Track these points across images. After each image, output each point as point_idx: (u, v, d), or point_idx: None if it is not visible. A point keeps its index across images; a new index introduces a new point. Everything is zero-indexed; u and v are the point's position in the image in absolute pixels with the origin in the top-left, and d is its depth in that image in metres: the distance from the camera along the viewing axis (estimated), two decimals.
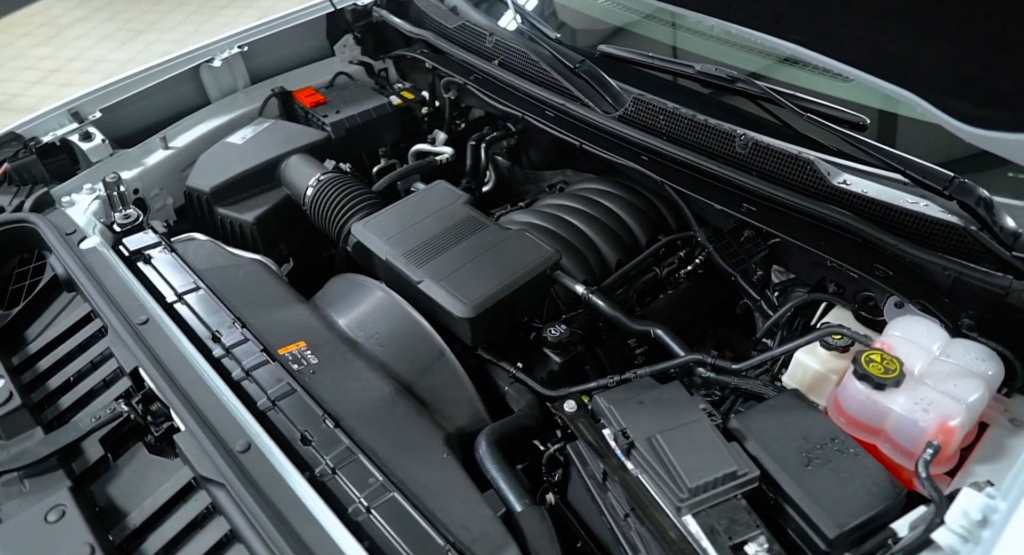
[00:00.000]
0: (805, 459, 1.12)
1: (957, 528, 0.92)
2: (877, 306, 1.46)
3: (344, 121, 2.09)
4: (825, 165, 1.38)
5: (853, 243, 1.37)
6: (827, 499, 1.06)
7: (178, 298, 1.50)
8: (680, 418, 1.14)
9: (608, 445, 1.16)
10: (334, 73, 2.29)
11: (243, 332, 1.42)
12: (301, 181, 1.86)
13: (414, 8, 2.23)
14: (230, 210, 1.83)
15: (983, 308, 1.28)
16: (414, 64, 2.28)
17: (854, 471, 1.10)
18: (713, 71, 1.61)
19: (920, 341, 1.24)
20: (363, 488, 1.15)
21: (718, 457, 1.07)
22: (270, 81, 2.23)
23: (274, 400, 1.28)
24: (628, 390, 1.23)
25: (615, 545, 1.13)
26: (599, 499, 1.14)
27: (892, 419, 1.16)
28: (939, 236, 1.30)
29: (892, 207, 1.32)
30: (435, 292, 1.48)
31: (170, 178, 1.96)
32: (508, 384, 1.52)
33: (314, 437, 1.22)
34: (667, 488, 1.06)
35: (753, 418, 1.18)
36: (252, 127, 2.02)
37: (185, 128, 2.03)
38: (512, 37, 1.90)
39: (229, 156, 1.91)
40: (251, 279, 1.63)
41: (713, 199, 1.53)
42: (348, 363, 1.42)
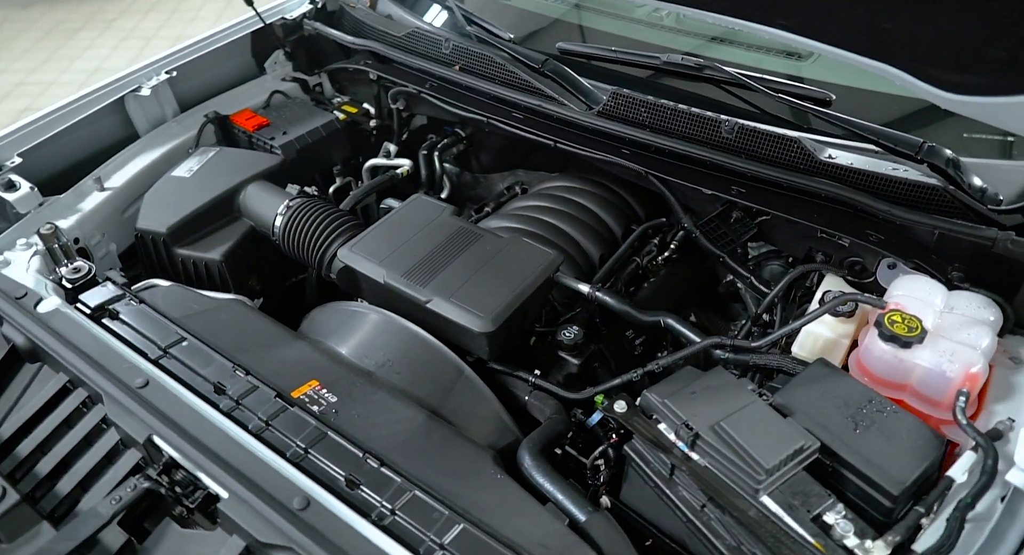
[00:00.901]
0: (852, 424, 1.17)
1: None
2: (865, 269, 1.55)
3: (294, 142, 1.98)
4: (811, 142, 1.44)
5: (845, 213, 1.45)
6: (883, 459, 1.11)
7: (163, 353, 1.37)
8: (735, 403, 1.16)
9: (668, 440, 1.16)
10: (269, 93, 2.16)
11: (249, 379, 1.31)
12: (267, 210, 1.75)
13: (350, 18, 2.14)
14: (191, 250, 1.69)
15: (969, 260, 1.39)
16: (355, 76, 2.19)
17: (897, 428, 1.16)
18: (679, 60, 1.65)
19: (924, 297, 1.32)
20: (429, 524, 1.09)
21: (784, 435, 1.10)
22: (201, 107, 2.08)
23: (305, 447, 1.20)
24: (673, 382, 1.24)
25: (690, 537, 1.13)
26: (670, 494, 1.14)
27: (918, 374, 1.23)
28: (923, 198, 1.39)
29: (877, 175, 1.40)
30: (447, 310, 1.43)
31: (111, 222, 1.78)
32: (527, 393, 1.50)
33: (361, 479, 1.15)
34: (742, 472, 1.08)
35: (794, 392, 1.22)
36: (197, 158, 1.87)
37: (119, 166, 1.85)
38: (468, 41, 1.86)
39: (179, 191, 1.76)
40: (236, 321, 1.52)
41: (702, 184, 1.56)
42: (369, 396, 1.34)
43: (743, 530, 1.05)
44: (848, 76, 1.62)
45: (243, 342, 1.45)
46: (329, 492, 1.08)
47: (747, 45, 1.75)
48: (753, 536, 1.04)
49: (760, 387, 1.39)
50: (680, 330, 1.52)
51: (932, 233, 1.41)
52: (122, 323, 1.43)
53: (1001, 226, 1.34)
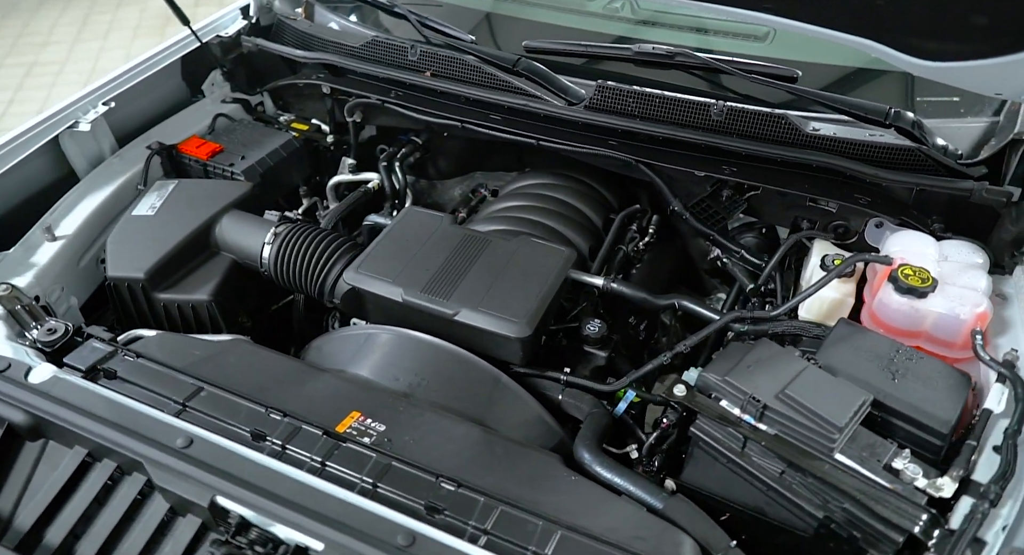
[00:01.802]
0: (890, 375, 1.25)
1: None
2: (848, 231, 1.66)
3: (255, 166, 1.87)
4: (796, 117, 1.53)
5: (834, 181, 1.54)
6: (926, 403, 1.20)
7: (183, 407, 1.26)
8: (789, 370, 1.22)
9: (734, 415, 1.20)
10: (212, 117, 2.02)
11: (288, 421, 1.23)
12: (251, 241, 1.64)
13: (293, 32, 2.03)
14: (174, 293, 1.56)
15: (946, 211, 1.53)
16: (303, 92, 2.09)
17: (928, 373, 1.26)
18: (651, 50, 1.70)
19: (920, 250, 1.44)
20: (527, 537, 1.07)
21: (843, 393, 1.16)
22: (142, 139, 1.91)
23: (373, 482, 1.14)
24: (724, 360, 1.28)
25: (770, 504, 1.18)
26: (745, 466, 1.17)
27: (932, 320, 1.34)
28: (901, 159, 1.51)
29: (859, 142, 1.51)
30: (477, 320, 1.40)
31: (69, 274, 1.61)
32: (559, 392, 1.49)
33: (443, 504, 1.11)
34: (815, 434, 1.13)
35: (829, 353, 1.29)
36: (155, 193, 1.72)
37: (66, 211, 1.67)
38: (437, 46, 1.82)
39: (146, 232, 1.61)
40: (247, 362, 1.42)
41: (695, 167, 1.62)
42: (416, 418, 1.30)
43: (827, 488, 1.11)
44: (807, 52, 1.73)
45: (264, 383, 1.36)
46: (427, 523, 1.04)
47: (708, 31, 1.82)
48: (839, 492, 1.09)
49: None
50: (696, 309, 1.57)
51: (910, 191, 1.54)
52: (124, 382, 1.31)
53: (971, 178, 1.48)
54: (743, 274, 1.76)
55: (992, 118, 1.63)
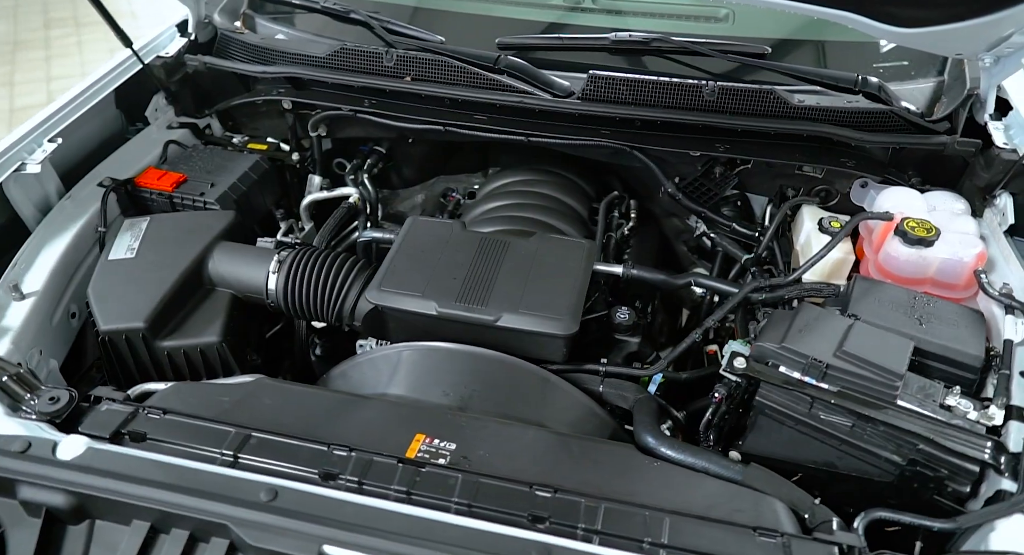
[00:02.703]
0: (917, 321, 1.35)
1: None
2: (830, 194, 1.77)
3: (228, 192, 1.74)
4: (783, 91, 1.60)
5: (820, 147, 1.63)
6: (956, 341, 1.30)
7: (234, 459, 1.16)
8: (837, 329, 1.28)
9: (796, 379, 1.25)
10: (163, 145, 1.86)
11: (356, 455, 1.17)
12: (253, 272, 1.52)
13: (241, 46, 1.90)
14: (178, 339, 1.43)
15: (920, 166, 1.66)
16: (259, 109, 1.96)
17: (947, 314, 1.37)
18: (628, 37, 1.73)
19: (910, 204, 1.55)
20: (640, 530, 1.07)
21: (893, 343, 1.24)
22: (91, 177, 1.73)
23: (469, 503, 1.10)
24: (773, 328, 1.32)
25: (841, 458, 1.24)
26: (816, 425, 1.23)
27: (937, 266, 1.45)
28: (878, 122, 1.62)
29: (840, 109, 1.61)
30: (520, 322, 1.38)
31: (44, 334, 1.44)
32: (599, 384, 1.50)
33: (546, 513, 1.09)
34: (878, 385, 1.20)
35: (859, 308, 1.37)
36: (128, 233, 1.56)
37: (27, 265, 1.49)
38: (414, 49, 1.76)
39: (132, 276, 1.47)
40: (282, 400, 1.32)
41: (689, 148, 1.67)
42: (482, 431, 1.26)
43: (899, 433, 1.18)
44: (767, 30, 1.82)
45: (309, 419, 1.28)
46: (546, 534, 1.01)
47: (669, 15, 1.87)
48: (910, 435, 1.17)
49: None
50: (714, 285, 1.62)
51: (887, 150, 1.66)
52: (158, 443, 1.19)
53: (940, 133, 1.61)
54: (733, 246, 1.83)
55: (937, 78, 1.78)
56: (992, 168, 1.55)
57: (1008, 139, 1.57)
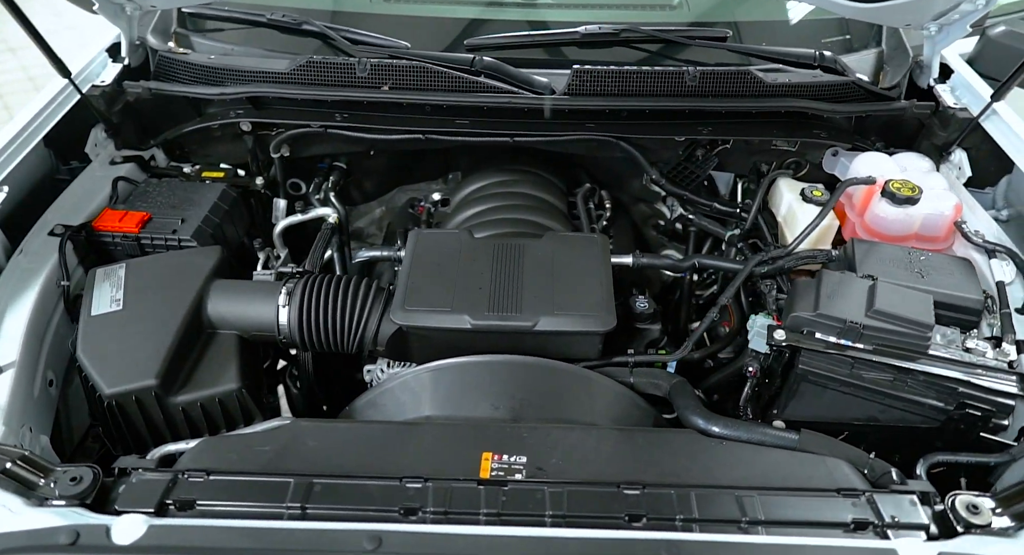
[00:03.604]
0: (918, 275, 1.44)
1: None
2: (799, 165, 1.86)
3: (202, 227, 1.60)
4: (758, 71, 1.67)
5: (795, 122, 1.72)
6: (957, 288, 1.41)
7: (302, 511, 1.08)
8: (859, 291, 1.35)
9: (834, 343, 1.31)
10: (111, 183, 1.69)
11: (432, 486, 1.11)
12: (260, 308, 1.41)
13: (187, 67, 1.75)
14: (193, 392, 1.30)
15: (881, 131, 1.78)
16: (213, 134, 1.82)
17: (941, 265, 1.47)
18: (597, 30, 1.74)
19: (883, 167, 1.66)
20: (734, 511, 1.09)
21: (917, 298, 1.33)
22: (39, 226, 1.54)
23: (564, 513, 1.08)
24: (800, 298, 1.38)
25: (884, 411, 1.31)
26: (859, 383, 1.29)
27: (921, 221, 1.56)
28: (843, 93, 1.72)
29: (810, 84, 1.70)
30: (558, 324, 1.37)
31: (29, 409, 1.27)
32: (629, 374, 1.51)
33: (641, 511, 1.08)
34: (911, 338, 1.28)
35: (867, 268, 1.45)
36: (106, 284, 1.41)
37: None
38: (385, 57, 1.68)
39: (126, 331, 1.32)
40: (328, 440, 1.25)
41: (674, 133, 1.70)
42: (545, 439, 1.24)
43: (937, 379, 1.26)
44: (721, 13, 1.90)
45: (363, 456, 1.21)
46: (658, 530, 1.01)
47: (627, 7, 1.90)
48: (948, 380, 1.25)
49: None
50: (717, 263, 1.67)
51: (850, 119, 1.77)
52: (211, 506, 1.08)
53: (895, 99, 1.74)
54: (714, 225, 1.89)
55: (876, 49, 1.92)
56: (949, 127, 1.69)
57: (956, 99, 1.72)
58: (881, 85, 1.78)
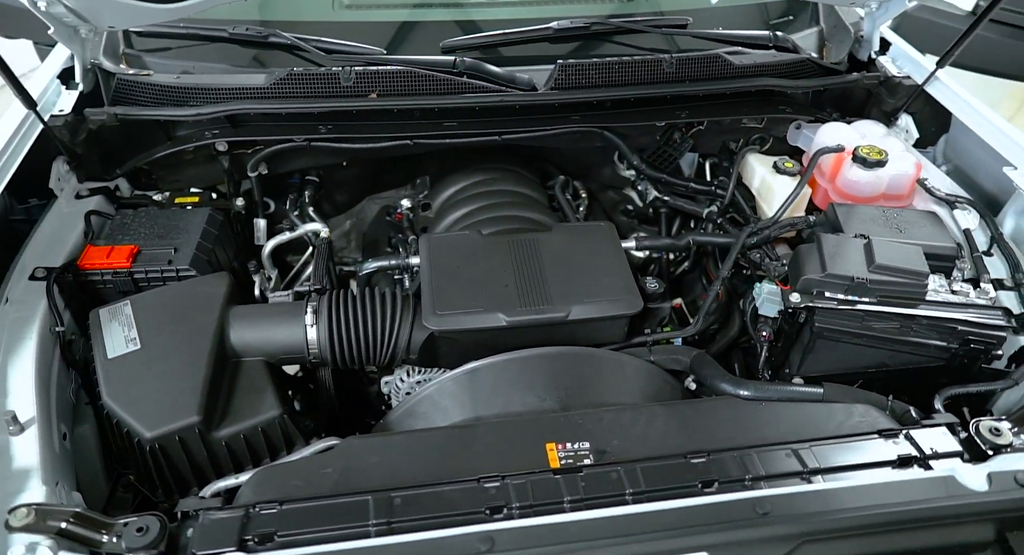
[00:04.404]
0: (897, 230, 1.58)
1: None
2: (764, 141, 1.98)
3: (198, 254, 1.53)
4: (725, 54, 1.76)
5: (762, 100, 1.83)
6: (932, 238, 1.55)
7: (387, 525, 1.07)
8: (858, 249, 1.46)
9: (844, 299, 1.42)
10: (83, 218, 1.58)
11: (514, 482, 1.13)
12: (286, 331, 1.37)
13: (150, 89, 1.65)
14: (235, 424, 1.25)
15: (835, 102, 1.92)
16: (182, 158, 1.73)
17: (913, 219, 1.61)
18: (569, 24, 1.79)
19: (846, 135, 1.80)
20: (793, 465, 1.16)
21: (910, 250, 1.45)
22: (18, 272, 1.43)
23: (644, 489, 1.12)
24: (804, 262, 1.47)
25: (893, 356, 1.43)
26: (871, 334, 1.40)
27: (888, 181, 1.70)
28: (801, 70, 1.85)
29: (773, 64, 1.81)
30: (591, 311, 1.41)
31: (55, 464, 1.18)
32: (648, 354, 1.57)
33: (712, 477, 1.14)
34: (911, 288, 1.40)
35: (852, 229, 1.57)
36: (115, 323, 1.32)
37: (3, 390, 1.21)
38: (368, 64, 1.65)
39: (152, 370, 1.25)
40: (388, 453, 1.24)
41: (655, 119, 1.78)
42: (600, 424, 1.27)
43: (938, 321, 1.39)
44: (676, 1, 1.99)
45: (431, 464, 1.20)
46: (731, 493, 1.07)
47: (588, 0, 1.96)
48: (948, 321, 1.38)
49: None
50: (710, 239, 1.76)
51: (807, 93, 1.90)
52: (293, 536, 1.05)
53: (843, 72, 1.88)
54: (691, 204, 1.98)
55: (814, 27, 2.07)
56: (897, 95, 1.85)
57: (899, 69, 1.88)
58: (827, 61, 1.93)
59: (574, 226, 1.62)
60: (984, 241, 1.59)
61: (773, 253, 1.70)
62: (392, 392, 1.62)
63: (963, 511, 1.00)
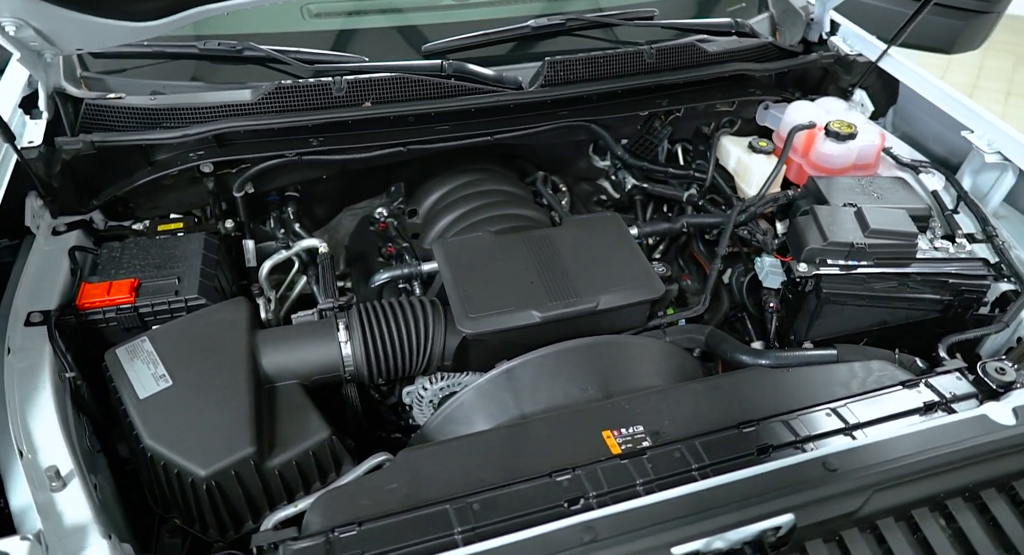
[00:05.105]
0: (875, 197, 1.70)
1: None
2: (732, 122, 2.07)
3: (205, 282, 1.46)
4: (697, 42, 1.84)
5: (733, 84, 1.91)
6: (906, 201, 1.67)
7: (473, 531, 1.07)
8: (850, 216, 1.57)
9: (846, 264, 1.52)
10: (67, 256, 1.48)
11: (581, 473, 1.15)
12: (321, 350, 1.33)
13: (122, 114, 1.56)
14: (286, 451, 1.21)
15: (797, 82, 2.03)
16: (162, 183, 1.64)
17: (887, 186, 1.74)
18: (546, 22, 1.82)
19: (813, 113, 1.91)
20: (836, 423, 1.24)
21: (896, 214, 1.56)
22: (13, 320, 1.32)
23: (710, 462, 1.17)
24: (806, 233, 1.55)
25: (892, 312, 1.54)
26: (873, 295, 1.51)
27: (858, 152, 1.82)
28: (765, 54, 1.95)
29: (741, 49, 1.90)
30: (617, 300, 1.44)
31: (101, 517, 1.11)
32: (663, 335, 1.62)
33: (766, 442, 1.20)
34: (902, 248, 1.52)
35: (836, 200, 1.68)
36: (139, 362, 1.24)
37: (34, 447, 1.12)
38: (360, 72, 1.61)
39: (190, 404, 1.19)
40: (449, 461, 1.23)
41: (638, 109, 1.83)
42: (646, 406, 1.31)
43: (931, 277, 1.51)
44: None
45: (494, 466, 1.21)
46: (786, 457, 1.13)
47: None
48: (939, 275, 1.50)
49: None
50: (702, 220, 1.83)
51: (771, 75, 2.00)
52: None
53: (800, 54, 2.00)
54: (668, 189, 2.06)
55: (765, 13, 2.18)
56: (852, 71, 1.98)
57: (851, 48, 2.01)
58: (785, 44, 2.04)
59: (582, 219, 1.65)
60: (950, 200, 1.73)
61: (759, 229, 1.80)
62: (414, 402, 1.60)
63: (1003, 445, 1.10)
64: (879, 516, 1.06)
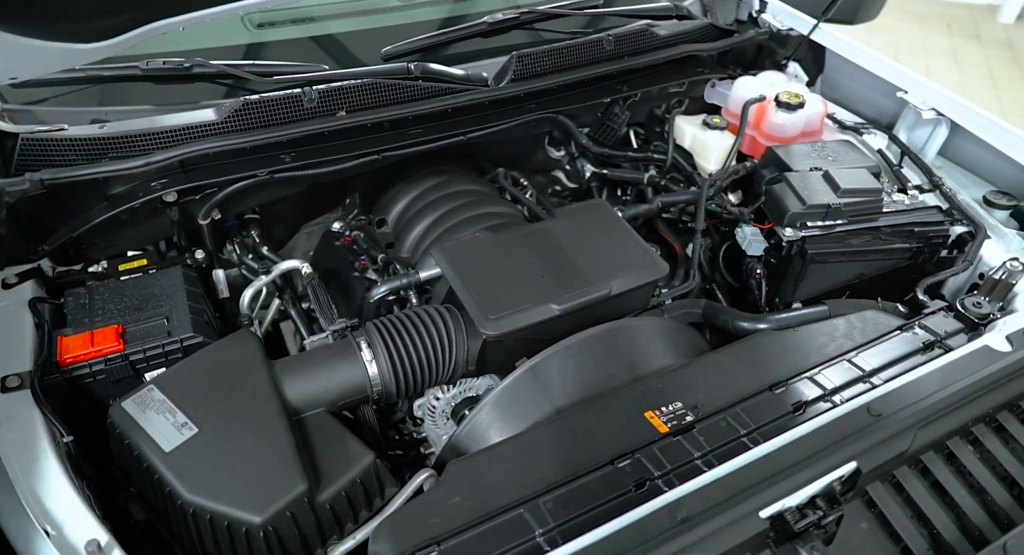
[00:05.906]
0: (831, 160, 1.81)
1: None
2: (682, 102, 2.14)
3: (194, 321, 1.35)
4: (648, 27, 1.88)
5: (683, 65, 1.98)
6: (861, 161, 1.79)
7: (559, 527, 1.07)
8: (818, 179, 1.67)
9: (826, 225, 1.61)
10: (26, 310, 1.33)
11: (642, 455, 1.17)
12: (346, 374, 1.26)
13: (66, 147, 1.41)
14: (333, 483, 1.14)
15: (737, 58, 2.13)
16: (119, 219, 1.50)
17: (838, 148, 1.86)
18: (501, 17, 1.81)
19: (759, 87, 2.01)
20: (854, 374, 1.31)
21: (860, 173, 1.68)
22: None
23: (755, 427, 1.21)
24: (784, 199, 1.63)
25: (869, 264, 1.65)
26: (852, 250, 1.61)
27: (806, 119, 1.94)
28: (706, 35, 2.03)
29: (686, 31, 1.97)
30: (628, 283, 1.46)
31: None
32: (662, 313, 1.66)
33: (801, 400, 1.26)
34: (872, 204, 1.63)
35: (799, 165, 1.77)
36: (151, 414, 1.13)
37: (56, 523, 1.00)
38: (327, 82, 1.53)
39: (224, 450, 1.09)
40: (502, 466, 1.21)
41: (600, 97, 1.86)
42: (677, 384, 1.34)
43: (900, 227, 1.62)
44: None
45: (551, 463, 1.20)
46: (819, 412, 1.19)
47: None
48: (906, 225, 1.62)
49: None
50: (676, 198, 1.88)
51: (713, 55, 2.09)
52: None
53: (736, 32, 2.10)
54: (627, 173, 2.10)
55: None
56: (786, 46, 2.10)
57: (781, 23, 2.13)
58: (721, 23, 2.13)
59: (572, 208, 1.65)
60: (893, 157, 1.87)
61: (728, 201, 1.87)
62: (426, 414, 1.55)
63: (1012, 369, 1.21)
64: (922, 451, 1.14)
